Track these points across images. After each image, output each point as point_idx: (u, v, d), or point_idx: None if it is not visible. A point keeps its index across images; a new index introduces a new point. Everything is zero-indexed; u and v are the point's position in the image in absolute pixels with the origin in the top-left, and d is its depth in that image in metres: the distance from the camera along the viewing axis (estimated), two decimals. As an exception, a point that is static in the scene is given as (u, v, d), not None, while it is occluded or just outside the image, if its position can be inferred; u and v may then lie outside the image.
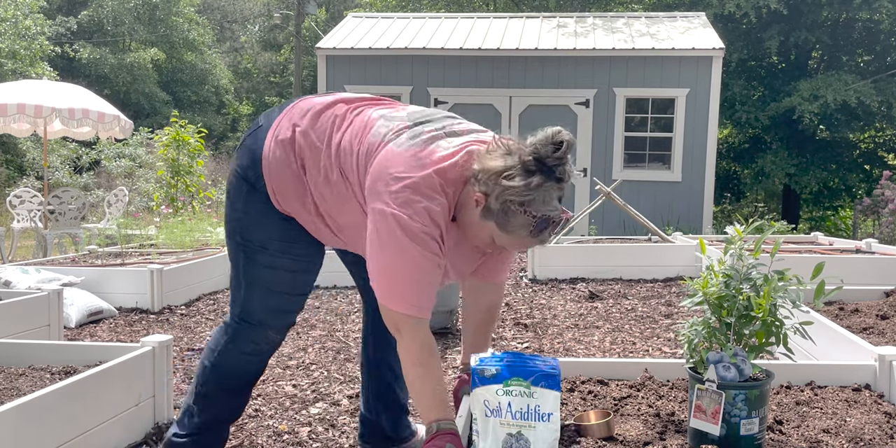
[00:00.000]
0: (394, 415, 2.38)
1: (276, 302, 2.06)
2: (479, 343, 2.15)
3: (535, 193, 1.66)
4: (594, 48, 9.49)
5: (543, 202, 1.68)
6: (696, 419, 1.81)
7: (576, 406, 2.18)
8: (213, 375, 2.12)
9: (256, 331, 2.07)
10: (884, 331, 3.14)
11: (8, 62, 16.78)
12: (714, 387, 1.78)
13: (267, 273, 2.03)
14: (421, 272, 1.75)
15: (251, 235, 2.01)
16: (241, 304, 2.08)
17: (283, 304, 2.08)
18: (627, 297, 5.12)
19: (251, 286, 2.05)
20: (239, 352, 2.09)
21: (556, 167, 1.68)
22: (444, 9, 18.25)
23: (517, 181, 1.65)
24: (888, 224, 8.81)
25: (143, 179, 14.97)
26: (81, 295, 4.46)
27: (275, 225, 1.99)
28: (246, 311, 2.07)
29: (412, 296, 1.76)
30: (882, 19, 13.51)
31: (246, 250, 2.03)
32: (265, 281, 2.04)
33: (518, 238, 1.73)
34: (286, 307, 2.09)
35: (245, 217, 2.01)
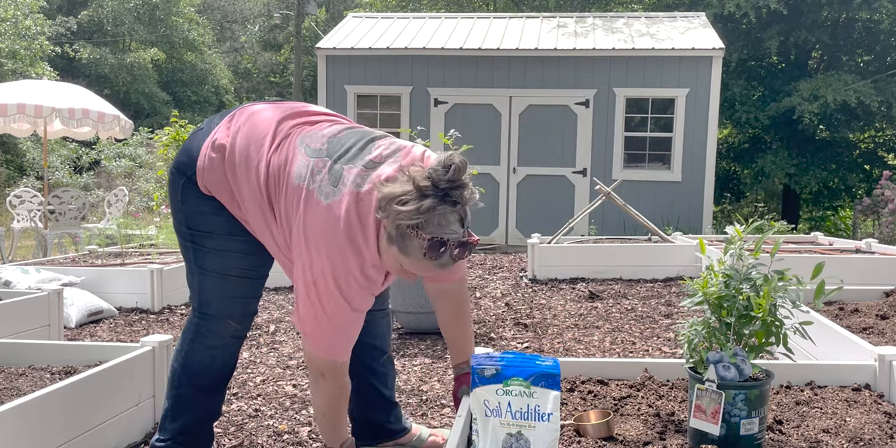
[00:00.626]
0: (383, 410, 2.40)
1: (231, 288, 2.08)
2: (462, 341, 2.18)
3: (427, 216, 1.69)
4: (594, 48, 9.49)
5: (439, 225, 1.71)
6: (696, 419, 1.81)
7: (576, 406, 2.18)
8: (184, 376, 2.12)
9: (217, 322, 2.09)
10: (884, 331, 3.14)
11: (8, 62, 16.78)
12: (714, 387, 1.78)
13: (218, 258, 2.05)
14: (349, 325, 1.87)
15: (196, 223, 2.05)
16: (198, 297, 2.11)
17: (239, 291, 2.10)
18: (627, 297, 5.12)
19: (204, 275, 2.07)
20: (204, 347, 2.11)
21: (449, 190, 1.70)
22: (444, 9, 18.25)
23: (409, 205, 1.69)
24: (888, 224, 8.81)
25: (143, 179, 14.98)
26: (81, 295, 4.46)
27: (217, 210, 2.03)
28: (204, 302, 2.10)
29: (340, 345, 1.88)
30: (882, 19, 13.51)
31: (194, 239, 2.06)
32: (217, 267, 2.06)
33: (417, 261, 1.76)
34: (243, 293, 2.11)
35: (186, 207, 2.05)
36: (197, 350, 2.11)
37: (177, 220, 2.09)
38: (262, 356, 3.66)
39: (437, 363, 3.54)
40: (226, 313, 2.09)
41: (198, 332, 2.11)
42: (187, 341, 2.13)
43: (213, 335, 2.10)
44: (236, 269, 2.07)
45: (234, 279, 2.08)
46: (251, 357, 3.65)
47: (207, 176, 1.99)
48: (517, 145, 9.56)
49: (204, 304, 2.10)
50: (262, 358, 3.63)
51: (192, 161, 2.02)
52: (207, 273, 2.07)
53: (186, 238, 2.08)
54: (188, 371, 2.12)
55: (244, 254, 2.06)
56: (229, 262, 2.06)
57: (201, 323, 2.11)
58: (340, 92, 10.03)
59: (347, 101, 10.00)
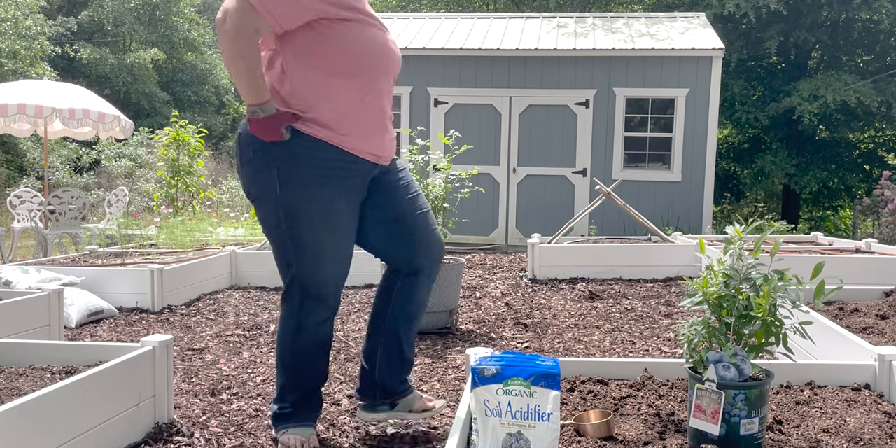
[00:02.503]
0: (400, 371, 2.50)
1: (325, 270, 2.26)
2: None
3: None
4: (594, 48, 9.49)
5: None
6: (695, 419, 1.81)
7: (576, 406, 2.18)
8: (290, 351, 2.34)
9: (316, 302, 2.29)
10: (883, 331, 3.14)
11: (8, 62, 16.78)
12: (714, 387, 1.78)
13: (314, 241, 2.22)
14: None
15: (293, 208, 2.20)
16: (297, 280, 2.28)
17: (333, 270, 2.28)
18: (627, 296, 5.13)
19: (301, 259, 2.24)
20: (309, 323, 2.31)
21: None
22: (444, 9, 18.25)
23: None
24: (888, 224, 8.81)
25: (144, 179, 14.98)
26: (82, 295, 4.46)
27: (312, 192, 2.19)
28: (303, 284, 2.27)
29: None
30: (882, 19, 13.51)
31: (291, 227, 2.22)
32: (314, 250, 2.23)
33: None
34: (336, 271, 2.29)
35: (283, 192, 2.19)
36: (300, 327, 2.31)
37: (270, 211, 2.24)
38: (262, 356, 3.67)
39: (437, 363, 3.54)
40: (324, 292, 2.29)
41: (299, 311, 2.30)
42: (290, 320, 2.32)
43: (313, 313, 2.30)
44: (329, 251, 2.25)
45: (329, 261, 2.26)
46: (251, 357, 3.65)
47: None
48: (517, 145, 9.56)
49: (303, 287, 2.28)
50: (262, 358, 3.63)
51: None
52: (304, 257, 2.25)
53: (283, 227, 2.23)
54: (296, 347, 2.33)
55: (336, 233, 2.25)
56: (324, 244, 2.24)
57: (303, 303, 2.29)
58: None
59: (347, 101, 10.00)
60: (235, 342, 3.96)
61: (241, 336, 4.10)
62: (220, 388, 3.10)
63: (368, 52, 2.17)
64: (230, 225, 8.60)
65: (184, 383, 3.18)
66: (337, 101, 2.17)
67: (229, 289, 5.55)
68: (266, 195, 2.22)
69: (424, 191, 4.18)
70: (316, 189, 2.18)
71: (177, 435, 2.53)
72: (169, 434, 2.52)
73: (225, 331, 4.21)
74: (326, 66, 2.14)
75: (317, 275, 2.26)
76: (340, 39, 2.13)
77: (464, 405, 1.97)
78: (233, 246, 6.16)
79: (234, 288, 5.60)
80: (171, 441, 2.48)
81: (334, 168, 2.19)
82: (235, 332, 4.17)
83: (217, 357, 3.65)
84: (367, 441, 2.53)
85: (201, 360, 3.60)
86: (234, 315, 4.65)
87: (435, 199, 4.19)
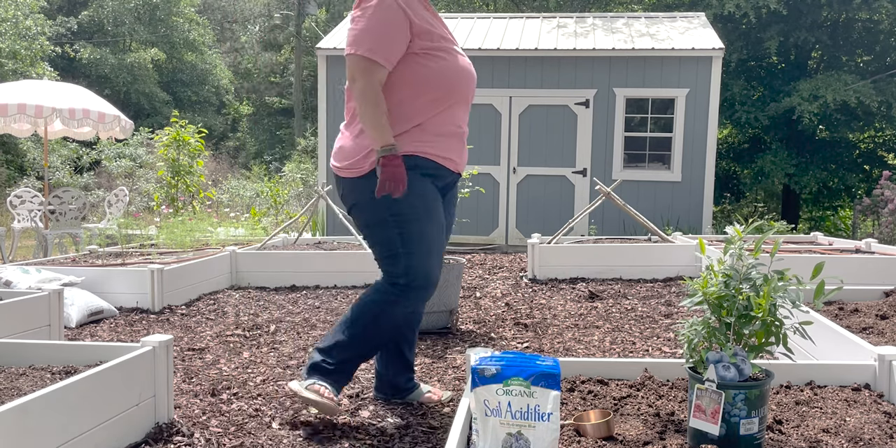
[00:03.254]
0: (405, 373, 2.87)
1: (432, 259, 2.53)
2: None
3: None
4: (594, 48, 9.49)
5: None
6: (695, 419, 1.81)
7: (576, 406, 2.18)
8: (370, 327, 2.58)
9: (419, 291, 2.54)
10: (883, 331, 3.14)
11: (8, 62, 16.79)
12: (714, 387, 1.78)
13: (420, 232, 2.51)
14: (386, 25, 2.45)
15: (398, 208, 2.50)
16: (405, 271, 2.51)
17: (436, 260, 2.56)
18: (627, 296, 5.13)
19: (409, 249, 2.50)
20: (403, 312, 2.59)
21: None
22: (444, 9, 18.24)
23: None
24: (888, 224, 8.81)
25: (144, 179, 14.99)
26: (82, 295, 4.46)
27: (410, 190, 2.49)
28: (410, 275, 2.51)
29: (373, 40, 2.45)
30: (882, 19, 13.51)
31: (399, 222, 2.50)
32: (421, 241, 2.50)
33: None
34: (437, 261, 2.57)
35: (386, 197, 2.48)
36: (394, 313, 2.57)
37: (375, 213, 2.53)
38: (262, 356, 3.67)
39: (437, 363, 3.54)
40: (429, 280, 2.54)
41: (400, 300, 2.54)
42: (386, 305, 2.56)
43: (412, 301, 2.56)
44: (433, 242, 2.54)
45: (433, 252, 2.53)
46: (251, 357, 3.65)
47: None
48: (517, 145, 9.56)
49: (412, 277, 2.51)
50: (262, 358, 3.63)
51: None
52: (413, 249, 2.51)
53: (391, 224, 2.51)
54: (377, 324, 2.58)
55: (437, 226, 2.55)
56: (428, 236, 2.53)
57: (407, 291, 2.53)
58: (341, 92, 10.03)
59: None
60: (235, 342, 3.96)
61: (241, 336, 4.10)
62: (220, 388, 3.10)
63: (450, 79, 2.57)
64: (230, 225, 8.60)
65: (184, 383, 3.18)
66: (424, 120, 2.55)
67: (229, 289, 5.55)
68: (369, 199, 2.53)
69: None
70: (418, 189, 2.52)
71: (177, 435, 2.53)
72: (169, 434, 2.52)
73: (225, 331, 4.21)
74: (415, 93, 2.54)
75: (426, 265, 2.53)
76: (428, 70, 2.54)
77: (464, 405, 1.97)
78: (233, 246, 6.16)
79: (234, 288, 5.60)
80: (171, 441, 2.48)
81: (428, 174, 2.57)
82: (235, 332, 4.17)
83: (217, 357, 3.65)
84: (367, 441, 2.53)
85: (201, 360, 3.60)
86: (234, 315, 4.66)
87: (435, 199, 4.19)
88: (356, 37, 2.50)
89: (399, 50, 2.49)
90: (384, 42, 2.47)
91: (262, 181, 18.60)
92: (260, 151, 27.65)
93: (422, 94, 2.54)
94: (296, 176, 17.98)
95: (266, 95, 31.34)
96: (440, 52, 2.55)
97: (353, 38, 2.50)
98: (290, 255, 5.71)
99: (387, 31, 2.47)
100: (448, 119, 2.59)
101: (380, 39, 2.46)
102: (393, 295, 2.56)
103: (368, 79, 2.46)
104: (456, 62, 2.60)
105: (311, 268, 5.61)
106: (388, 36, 2.47)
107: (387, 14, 2.47)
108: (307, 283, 5.61)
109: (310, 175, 17.85)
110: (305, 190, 15.96)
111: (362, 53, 2.46)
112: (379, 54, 2.45)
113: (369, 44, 2.46)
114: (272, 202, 11.19)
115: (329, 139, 10.15)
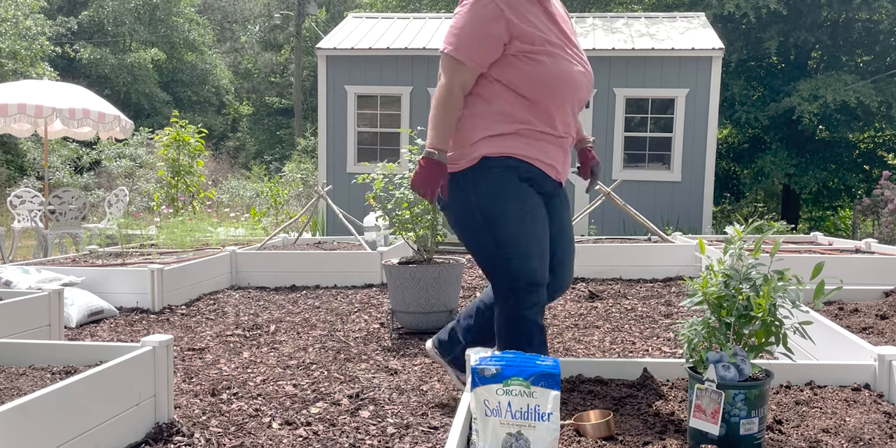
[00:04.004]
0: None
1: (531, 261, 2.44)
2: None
3: None
4: (594, 48, 9.49)
5: None
6: (695, 419, 1.81)
7: (576, 406, 2.18)
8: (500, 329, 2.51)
9: (530, 291, 2.46)
10: (883, 331, 3.14)
11: (9, 62, 16.79)
12: (714, 386, 1.78)
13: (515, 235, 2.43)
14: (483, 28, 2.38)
15: (490, 211, 2.44)
16: (506, 275, 2.45)
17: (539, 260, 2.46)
18: (627, 296, 5.13)
19: (506, 253, 2.44)
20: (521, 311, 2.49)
21: None
22: (445, 9, 18.25)
23: None
24: (888, 224, 8.82)
25: (144, 179, 15.00)
26: (82, 295, 4.46)
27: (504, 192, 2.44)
28: (513, 277, 2.44)
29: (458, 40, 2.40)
30: (882, 19, 13.51)
31: (491, 226, 2.44)
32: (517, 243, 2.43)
33: None
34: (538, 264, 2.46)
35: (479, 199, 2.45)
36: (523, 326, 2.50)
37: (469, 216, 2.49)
38: (262, 356, 3.67)
39: (437, 363, 3.54)
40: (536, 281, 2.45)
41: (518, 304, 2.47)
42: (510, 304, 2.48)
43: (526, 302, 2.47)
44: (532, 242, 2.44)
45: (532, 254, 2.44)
46: (251, 357, 3.65)
47: None
48: (517, 145, 9.54)
49: (513, 279, 2.45)
50: (262, 358, 3.63)
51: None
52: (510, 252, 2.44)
53: (484, 228, 2.47)
54: (522, 344, 2.49)
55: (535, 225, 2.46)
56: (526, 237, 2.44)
57: (517, 294, 2.46)
58: (341, 92, 10.03)
59: (348, 101, 10.00)
60: (235, 342, 3.96)
61: (241, 336, 4.10)
62: (220, 388, 3.11)
63: (549, 84, 2.45)
64: (230, 225, 8.61)
65: (184, 383, 3.18)
66: (524, 124, 2.48)
67: (229, 289, 5.55)
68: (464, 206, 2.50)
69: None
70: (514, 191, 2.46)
71: (177, 435, 2.53)
72: (169, 434, 2.52)
73: (225, 331, 4.21)
74: (514, 96, 2.47)
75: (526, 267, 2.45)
76: (524, 73, 2.44)
77: (464, 405, 1.97)
78: (233, 246, 6.16)
79: (234, 288, 5.60)
80: (171, 441, 2.48)
81: (526, 179, 2.49)
82: (235, 332, 4.17)
83: (217, 357, 3.65)
84: (367, 441, 2.53)
85: (201, 360, 3.61)
86: (234, 315, 4.66)
87: (435, 199, 4.19)
88: (448, 34, 2.46)
89: (490, 51, 2.42)
90: (473, 42, 2.40)
91: (262, 181, 18.61)
92: (260, 151, 27.66)
93: (520, 97, 2.47)
94: (296, 176, 17.98)
95: (266, 95, 31.34)
96: (541, 55, 2.44)
97: (446, 36, 2.47)
98: (290, 255, 5.71)
99: (477, 31, 2.40)
100: (548, 123, 2.51)
101: (469, 39, 2.41)
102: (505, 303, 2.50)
103: (450, 77, 2.43)
104: (558, 66, 2.47)
105: (311, 268, 5.61)
106: (478, 36, 2.40)
107: (481, 13, 2.40)
108: (307, 283, 5.62)
109: (310, 175, 17.85)
110: (305, 190, 15.96)
111: (448, 52, 2.43)
112: (464, 54, 2.40)
113: (457, 43, 2.42)
114: (272, 202, 11.20)
115: (329, 139, 10.14)
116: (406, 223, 4.18)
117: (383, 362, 3.55)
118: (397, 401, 2.96)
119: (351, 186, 9.64)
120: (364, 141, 10.11)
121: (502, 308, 2.51)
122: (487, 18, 2.39)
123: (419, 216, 4.17)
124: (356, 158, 10.10)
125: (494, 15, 2.39)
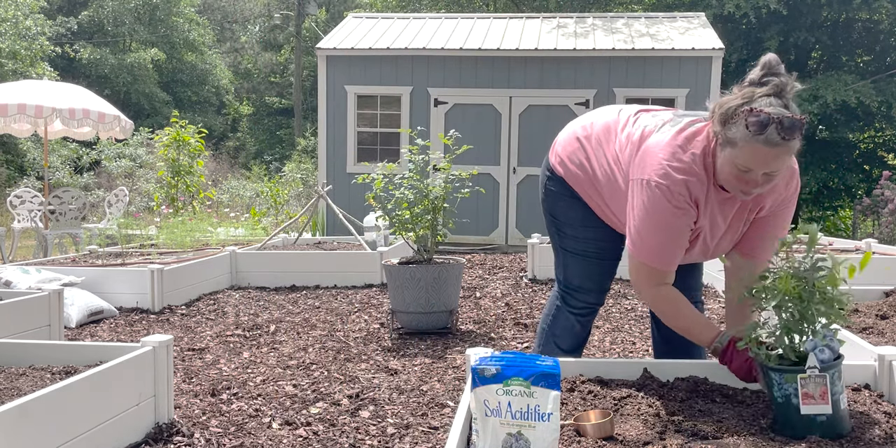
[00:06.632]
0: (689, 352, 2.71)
1: (589, 268, 2.48)
2: (740, 315, 2.33)
3: (749, 100, 1.93)
4: (594, 48, 9.48)
5: (761, 104, 1.92)
6: (805, 405, 1.86)
7: (576, 406, 2.18)
8: (549, 335, 2.57)
9: (577, 294, 2.52)
10: (883, 331, 3.14)
11: (8, 62, 16.79)
12: (817, 372, 1.84)
13: (576, 243, 2.47)
14: (669, 232, 2.11)
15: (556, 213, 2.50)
16: (563, 272, 2.53)
17: (595, 270, 2.49)
18: (627, 296, 5.12)
19: (567, 255, 2.50)
20: (566, 314, 2.55)
21: (764, 80, 1.98)
22: (445, 9, 18.25)
23: (736, 98, 1.97)
24: (888, 224, 8.81)
25: (144, 179, 14.99)
26: (82, 295, 4.46)
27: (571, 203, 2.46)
28: (567, 277, 2.52)
29: (656, 249, 2.15)
30: (882, 19, 13.51)
31: (557, 226, 2.51)
32: (577, 250, 2.47)
33: (747, 145, 1.90)
34: (599, 272, 2.50)
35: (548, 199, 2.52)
36: (559, 316, 2.55)
37: (544, 208, 2.56)
38: (262, 356, 3.67)
39: (437, 363, 3.54)
40: (585, 287, 2.51)
41: (563, 301, 2.54)
42: (553, 308, 2.57)
43: (573, 304, 2.53)
44: (593, 252, 2.46)
45: (591, 260, 2.47)
46: (251, 357, 3.65)
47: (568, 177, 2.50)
48: (517, 145, 9.55)
49: (567, 279, 2.53)
50: (262, 358, 3.63)
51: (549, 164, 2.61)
52: (569, 254, 2.50)
53: (552, 224, 2.54)
54: (553, 332, 2.57)
55: (597, 240, 2.44)
56: (587, 247, 2.46)
57: (566, 294, 2.54)
58: (341, 92, 10.03)
59: (348, 101, 10.00)
60: (235, 342, 3.96)
61: (241, 336, 4.10)
62: (220, 388, 3.10)
63: None
64: (230, 225, 8.60)
65: (184, 383, 3.18)
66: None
67: (229, 289, 5.55)
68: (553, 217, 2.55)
69: (424, 191, 4.18)
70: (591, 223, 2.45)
71: (177, 435, 2.53)
72: (169, 434, 2.52)
73: (225, 331, 4.21)
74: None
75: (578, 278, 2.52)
76: None
77: (464, 405, 1.97)
78: (233, 246, 6.16)
79: (234, 288, 5.60)
80: (171, 441, 2.48)
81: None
82: (235, 332, 4.17)
83: (217, 357, 3.65)
84: (367, 441, 2.53)
85: (201, 360, 3.60)
86: (234, 315, 4.65)
87: (435, 199, 4.19)
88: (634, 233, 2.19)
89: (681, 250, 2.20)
90: (667, 247, 2.17)
91: (262, 181, 18.60)
92: (260, 151, 27.65)
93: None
94: (296, 176, 17.98)
95: (266, 95, 31.34)
96: None
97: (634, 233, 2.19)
98: (290, 255, 5.71)
99: (670, 234, 2.15)
100: None
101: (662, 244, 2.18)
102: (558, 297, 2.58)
103: (651, 282, 2.21)
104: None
105: (311, 268, 5.61)
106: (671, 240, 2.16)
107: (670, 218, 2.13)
108: (307, 283, 5.61)
109: (310, 175, 17.85)
110: (305, 190, 15.96)
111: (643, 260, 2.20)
112: (664, 262, 2.19)
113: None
114: (272, 202, 11.19)
115: (329, 139, 10.14)
116: (406, 223, 4.18)
117: (383, 362, 3.55)
118: (397, 401, 2.96)
119: (351, 186, 9.63)
120: (364, 141, 10.11)
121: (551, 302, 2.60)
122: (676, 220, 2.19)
123: (419, 216, 4.17)
124: (356, 158, 10.10)
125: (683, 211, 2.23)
